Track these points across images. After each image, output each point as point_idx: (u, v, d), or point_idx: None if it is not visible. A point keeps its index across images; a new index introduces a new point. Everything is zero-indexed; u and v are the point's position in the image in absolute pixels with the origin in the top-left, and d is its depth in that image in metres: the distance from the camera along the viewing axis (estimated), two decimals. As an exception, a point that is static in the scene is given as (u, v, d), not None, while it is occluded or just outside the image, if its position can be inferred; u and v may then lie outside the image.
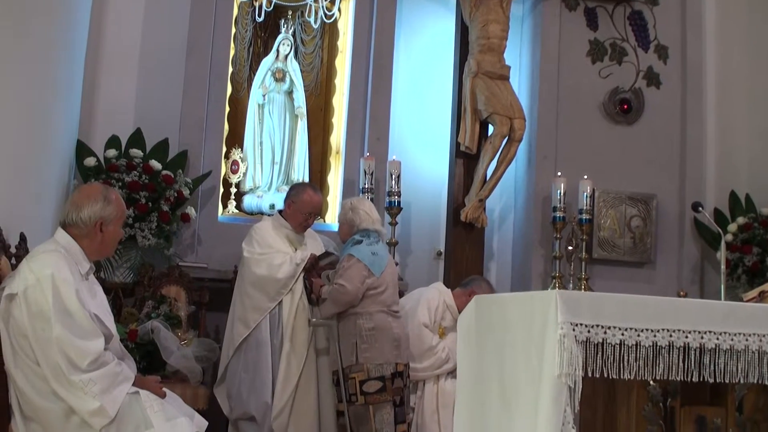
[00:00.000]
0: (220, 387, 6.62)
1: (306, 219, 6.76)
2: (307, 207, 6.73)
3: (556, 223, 8.25)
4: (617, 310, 3.61)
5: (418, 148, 8.44)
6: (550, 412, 3.40)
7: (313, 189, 6.96)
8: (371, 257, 6.38)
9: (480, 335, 4.15)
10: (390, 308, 6.32)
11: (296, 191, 6.84)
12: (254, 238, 6.64)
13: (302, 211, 6.71)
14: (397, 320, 6.35)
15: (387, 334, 6.24)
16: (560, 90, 8.66)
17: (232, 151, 7.99)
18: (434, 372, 6.65)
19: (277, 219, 6.80)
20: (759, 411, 3.92)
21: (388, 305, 6.31)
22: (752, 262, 8.35)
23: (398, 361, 6.21)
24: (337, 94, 8.40)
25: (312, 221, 6.87)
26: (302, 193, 6.79)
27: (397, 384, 6.18)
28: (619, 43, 8.89)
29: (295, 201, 6.74)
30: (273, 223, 6.78)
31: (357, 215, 6.59)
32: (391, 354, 6.21)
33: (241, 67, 8.28)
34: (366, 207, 6.70)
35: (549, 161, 8.50)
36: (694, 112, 8.96)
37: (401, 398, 6.18)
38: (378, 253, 6.44)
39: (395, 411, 6.18)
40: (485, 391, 3.97)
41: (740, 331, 3.75)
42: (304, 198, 6.73)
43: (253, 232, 6.69)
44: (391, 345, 6.24)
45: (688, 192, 8.72)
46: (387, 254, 6.59)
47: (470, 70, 8.01)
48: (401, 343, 6.28)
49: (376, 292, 6.30)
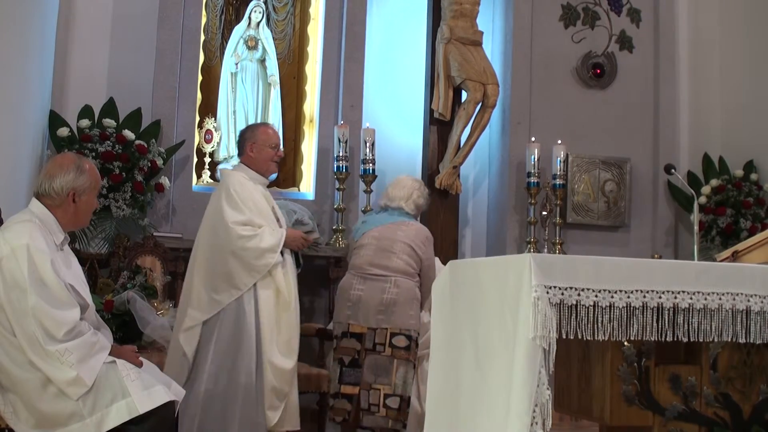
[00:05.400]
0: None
1: (275, 153, 6.08)
2: (271, 138, 6.09)
3: (531, 189, 8.28)
4: (591, 273, 3.63)
5: (392, 115, 8.44)
6: (524, 373, 3.42)
7: (264, 123, 6.78)
8: (359, 225, 6.57)
9: (454, 299, 4.16)
10: (361, 270, 6.26)
11: (251, 131, 6.16)
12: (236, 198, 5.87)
13: (268, 144, 6.04)
14: (367, 282, 6.21)
15: (344, 294, 6.28)
16: (533, 55, 8.67)
17: (206, 120, 7.95)
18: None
19: (244, 170, 6.05)
20: (733, 368, 3.96)
21: (358, 266, 6.29)
22: (726, 223, 8.43)
23: (351, 321, 6.19)
24: (309, 62, 8.36)
25: (281, 154, 6.23)
26: (256, 128, 6.19)
27: (346, 344, 6.19)
28: (592, 7, 8.89)
29: (255, 140, 6.04)
30: (244, 174, 6.02)
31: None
32: (344, 314, 6.25)
33: (213, 35, 8.22)
34: (391, 184, 6.63)
35: (523, 127, 8.52)
36: (667, 75, 8.99)
37: (352, 359, 6.16)
38: (367, 221, 6.52)
39: (341, 370, 6.21)
40: (459, 354, 3.99)
41: (714, 291, 3.78)
42: (261, 130, 6.13)
43: (231, 190, 5.90)
44: (345, 305, 6.27)
45: (661, 155, 8.76)
46: (383, 221, 6.41)
47: (443, 36, 8.01)
48: (360, 305, 6.18)
49: (353, 255, 6.39)
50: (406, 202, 6.45)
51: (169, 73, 7.71)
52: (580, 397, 4.04)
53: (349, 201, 8.04)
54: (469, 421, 3.85)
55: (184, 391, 4.73)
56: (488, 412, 3.68)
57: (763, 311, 3.84)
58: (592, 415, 3.96)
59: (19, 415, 4.26)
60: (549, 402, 3.44)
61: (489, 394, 3.69)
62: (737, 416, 3.95)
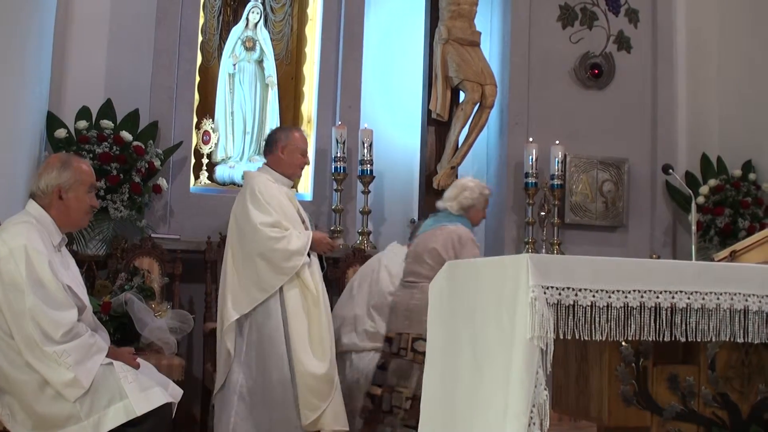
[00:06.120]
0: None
1: (303, 159, 6.26)
2: (302, 142, 6.27)
3: (529, 189, 8.28)
4: (588, 273, 3.61)
5: (390, 116, 8.42)
6: (522, 374, 3.41)
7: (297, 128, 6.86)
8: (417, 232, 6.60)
9: (451, 299, 4.16)
10: (402, 278, 6.36)
11: (283, 133, 6.32)
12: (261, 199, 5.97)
13: (299, 148, 6.21)
14: (403, 289, 6.27)
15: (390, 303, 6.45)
16: (531, 56, 8.67)
17: (203, 121, 7.95)
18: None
19: (269, 172, 6.20)
20: (731, 368, 3.95)
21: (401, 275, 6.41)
22: (724, 223, 8.43)
23: (390, 327, 6.29)
24: (307, 63, 8.35)
25: (308, 161, 6.45)
26: (290, 132, 6.35)
27: (384, 349, 6.29)
28: (590, 8, 8.89)
29: (286, 143, 6.18)
30: (269, 177, 6.15)
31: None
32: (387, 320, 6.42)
33: (211, 36, 8.22)
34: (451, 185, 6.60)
35: (521, 127, 8.52)
36: (665, 75, 9.00)
37: (384, 363, 6.23)
38: (420, 227, 6.53)
39: (375, 372, 6.33)
40: (456, 354, 3.98)
41: (711, 290, 3.76)
42: (295, 135, 6.28)
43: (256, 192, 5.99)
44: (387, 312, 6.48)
45: (659, 155, 8.77)
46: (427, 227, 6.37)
47: (441, 37, 8.01)
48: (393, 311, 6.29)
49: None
50: (452, 203, 6.33)
51: (167, 74, 7.69)
52: (578, 398, 4.04)
53: (347, 202, 8.03)
54: (465, 421, 3.85)
55: (181, 392, 4.73)
56: (485, 412, 3.67)
57: (761, 311, 3.82)
58: (590, 415, 3.95)
59: (16, 417, 4.26)
60: (546, 402, 3.43)
61: (486, 394, 3.68)
62: (736, 416, 3.94)
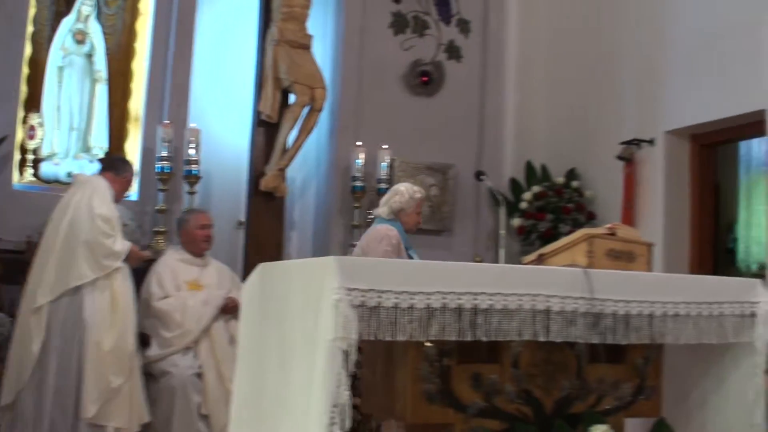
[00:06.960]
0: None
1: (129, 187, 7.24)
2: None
3: (356, 192, 8.37)
4: (394, 276, 3.67)
5: (220, 115, 8.38)
6: (325, 375, 3.44)
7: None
8: None
9: (264, 301, 4.16)
10: None
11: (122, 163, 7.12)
12: (106, 197, 6.65)
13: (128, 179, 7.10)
14: None
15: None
16: (363, 61, 8.77)
17: (30, 115, 7.72)
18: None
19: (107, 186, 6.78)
20: (535, 366, 4.06)
21: None
22: (546, 228, 8.67)
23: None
24: (137, 58, 8.22)
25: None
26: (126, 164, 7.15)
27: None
28: (422, 16, 9.05)
29: (119, 172, 6.95)
30: (107, 186, 6.76)
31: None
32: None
33: (43, 27, 7.95)
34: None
35: (350, 131, 8.61)
36: (494, 85, 9.23)
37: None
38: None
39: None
40: (265, 355, 4.00)
41: (514, 292, 3.88)
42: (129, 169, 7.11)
43: (101, 190, 6.66)
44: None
45: (485, 162, 8.99)
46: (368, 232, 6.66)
47: (273, 38, 8.01)
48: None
49: None
50: (384, 207, 6.58)
51: (-8, 64, 7.45)
52: (384, 397, 4.10)
53: (173, 202, 7.90)
54: (270, 420, 3.86)
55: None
56: (289, 412, 3.69)
57: (564, 311, 3.95)
58: (395, 414, 4.01)
59: None
60: (348, 403, 3.46)
61: (291, 394, 3.70)
62: (539, 411, 4.06)
